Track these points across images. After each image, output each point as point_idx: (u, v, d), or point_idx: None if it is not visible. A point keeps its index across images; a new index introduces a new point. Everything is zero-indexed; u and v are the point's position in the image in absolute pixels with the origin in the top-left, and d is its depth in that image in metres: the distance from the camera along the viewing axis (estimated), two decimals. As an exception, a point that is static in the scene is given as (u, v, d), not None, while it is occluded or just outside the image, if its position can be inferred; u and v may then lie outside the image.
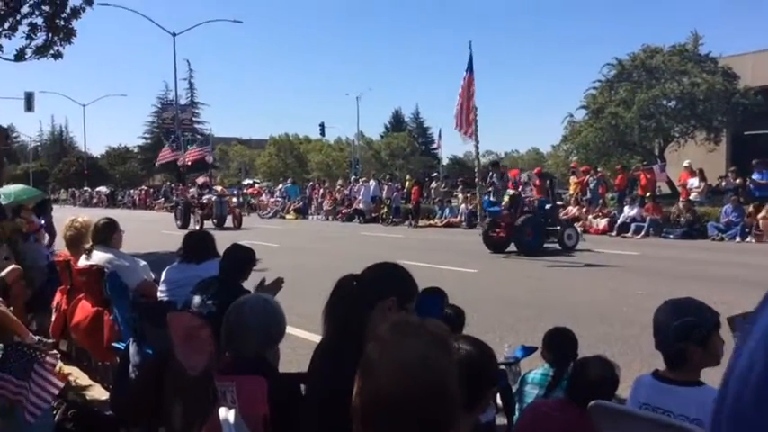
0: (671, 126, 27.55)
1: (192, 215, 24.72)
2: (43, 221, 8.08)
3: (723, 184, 20.41)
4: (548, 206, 15.66)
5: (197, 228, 21.72)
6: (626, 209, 19.33)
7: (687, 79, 26.67)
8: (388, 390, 1.31)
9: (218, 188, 28.18)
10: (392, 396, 1.30)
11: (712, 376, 2.51)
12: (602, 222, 19.31)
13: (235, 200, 26.25)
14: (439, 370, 1.33)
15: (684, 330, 2.30)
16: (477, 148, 15.82)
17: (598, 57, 78.59)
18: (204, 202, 24.89)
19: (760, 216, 16.06)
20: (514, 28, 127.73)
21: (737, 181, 19.32)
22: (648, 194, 19.78)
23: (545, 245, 14.82)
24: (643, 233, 17.77)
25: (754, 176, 18.67)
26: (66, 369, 4.84)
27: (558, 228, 15.33)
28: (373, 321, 2.26)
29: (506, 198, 15.23)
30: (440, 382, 1.33)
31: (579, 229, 16.73)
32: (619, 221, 18.81)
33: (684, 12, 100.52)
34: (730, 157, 28.43)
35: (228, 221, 24.48)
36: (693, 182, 20.10)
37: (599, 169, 24.40)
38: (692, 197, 19.33)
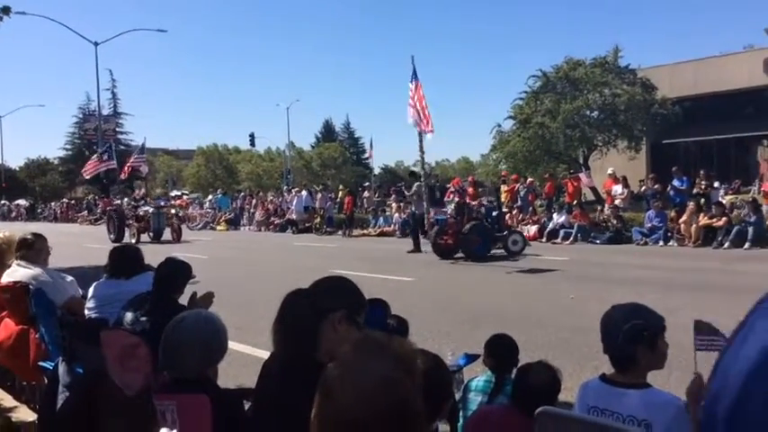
0: (594, 135, 28.54)
1: (127, 228, 23.69)
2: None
3: (644, 189, 21.26)
4: (494, 213, 16.12)
5: (133, 241, 21.02)
6: (554, 216, 19.89)
7: (608, 90, 27.72)
8: (349, 413, 1.28)
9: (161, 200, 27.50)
10: (353, 420, 1.27)
11: (660, 380, 2.60)
12: (533, 229, 19.77)
13: (173, 211, 25.23)
14: (402, 393, 1.30)
15: (635, 333, 2.37)
16: (422, 157, 16.62)
17: (526, 67, 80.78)
18: (141, 214, 23.90)
19: (681, 221, 16.79)
20: (444, 38, 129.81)
21: (656, 187, 20.17)
22: (575, 201, 20.40)
23: (492, 251, 15.18)
24: (571, 239, 18.30)
25: (674, 183, 19.53)
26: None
27: (504, 234, 15.74)
28: (324, 334, 2.23)
29: (452, 206, 15.65)
30: (402, 406, 1.30)
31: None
32: (548, 228, 19.31)
33: (605, 25, 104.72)
34: (650, 165, 29.68)
35: (167, 234, 23.56)
36: (617, 189, 20.84)
37: (528, 178, 25.03)
38: (616, 203, 20.04)
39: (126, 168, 28.34)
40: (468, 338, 6.47)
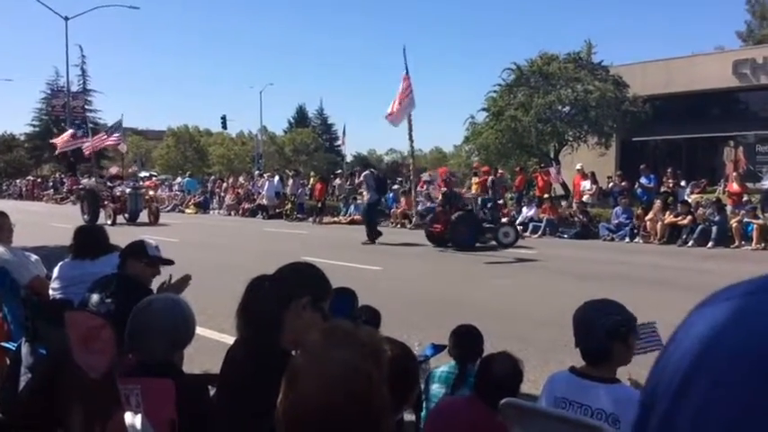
0: (565, 130, 28.78)
1: (102, 209, 22.68)
2: None
3: (611, 186, 21.56)
4: (489, 204, 16.43)
5: (108, 223, 20.47)
6: (524, 209, 20.08)
7: (581, 86, 27.93)
8: (314, 401, 1.29)
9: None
10: (318, 408, 1.28)
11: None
12: (503, 221, 19.93)
13: (152, 192, 24.35)
14: (367, 382, 1.31)
15: (614, 329, 2.42)
16: (412, 146, 16.94)
17: (499, 60, 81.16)
18: (117, 194, 22.84)
19: (647, 218, 17.07)
20: (420, 26, 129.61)
21: (624, 184, 20.46)
22: (546, 195, 20.59)
23: (483, 242, 15.30)
24: (540, 232, 18.50)
25: (642, 180, 19.83)
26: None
27: (493, 225, 15.81)
28: (288, 321, 2.23)
29: (440, 195, 15.88)
30: (367, 395, 1.31)
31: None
32: (518, 221, 19.48)
33: (578, 21, 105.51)
34: (619, 162, 30.04)
35: (143, 217, 22.86)
36: (586, 184, 21.09)
37: (499, 170, 25.18)
38: (584, 199, 20.28)
39: (96, 145, 27.51)
40: (436, 329, 6.52)
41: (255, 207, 27.55)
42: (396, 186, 26.19)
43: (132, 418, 2.11)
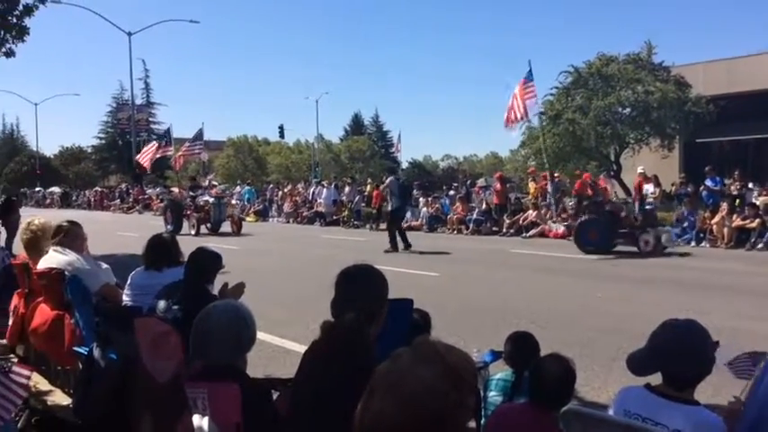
0: (626, 133, 28.16)
1: (185, 219, 22.29)
2: (1, 221, 7.81)
3: (675, 189, 20.94)
4: (647, 207, 16.47)
5: (192, 233, 20.47)
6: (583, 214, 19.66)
7: (641, 87, 27.30)
8: (389, 416, 1.28)
9: (175, 189, 27.04)
10: (392, 424, 1.28)
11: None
12: (561, 227, 19.62)
13: (234, 202, 24.02)
14: (443, 402, 1.30)
15: (709, 360, 2.34)
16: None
17: (556, 62, 79.88)
18: (201, 204, 22.31)
19: (713, 221, 16.54)
20: (474, 32, 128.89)
21: (689, 187, 19.86)
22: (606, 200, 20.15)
23: (619, 246, 15.11)
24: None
25: (707, 183, 19.20)
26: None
27: (636, 231, 15.18)
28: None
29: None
30: (442, 415, 1.29)
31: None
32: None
33: (638, 21, 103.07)
34: (683, 164, 29.21)
35: (225, 227, 22.53)
36: (649, 188, 20.55)
37: (556, 174, 24.82)
38: (647, 203, 19.76)
39: (179, 159, 27.72)
40: (494, 335, 6.47)
41: (313, 214, 27.88)
42: (452, 192, 26.09)
43: (199, 421, 2.18)
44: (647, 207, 16.91)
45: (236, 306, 2.93)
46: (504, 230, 20.76)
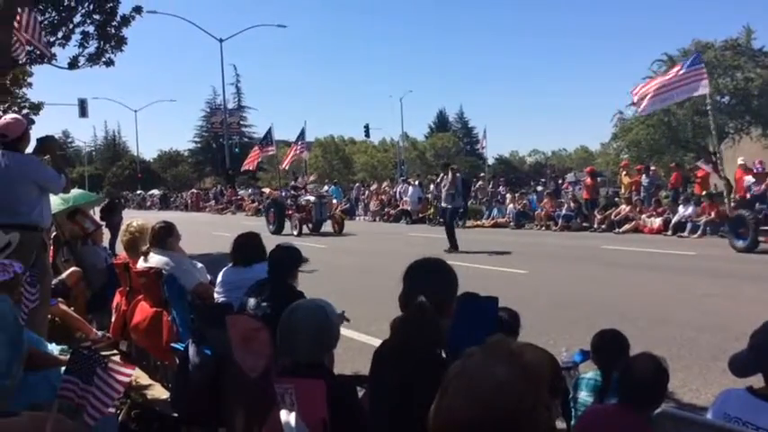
0: (725, 122, 26.79)
1: (287, 219, 22.38)
2: (105, 222, 8.26)
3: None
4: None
5: (294, 233, 20.67)
6: (681, 208, 18.85)
7: (741, 74, 25.95)
8: (461, 415, 1.27)
9: (266, 190, 27.37)
10: (463, 422, 1.26)
11: None
12: (657, 222, 18.88)
13: (335, 201, 23.60)
14: (517, 402, 1.26)
15: None
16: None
17: (647, 52, 76.86)
18: (302, 203, 22.14)
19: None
20: (561, 23, 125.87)
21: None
22: (705, 193, 19.26)
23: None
24: (699, 233, 17.30)
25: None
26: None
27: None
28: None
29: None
30: (517, 416, 1.26)
31: None
32: (674, 221, 18.36)
33: (735, 5, 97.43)
34: (788, 154, 27.49)
35: (326, 226, 22.39)
36: (749, 179, 19.45)
37: (651, 167, 23.92)
38: (749, 195, 18.70)
39: (287, 160, 28.27)
40: (585, 334, 6.29)
41: (399, 212, 28.03)
42: (539, 188, 25.60)
43: (287, 416, 2.23)
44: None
45: (320, 304, 2.98)
46: (596, 226, 20.19)
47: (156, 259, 5.14)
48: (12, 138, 5.02)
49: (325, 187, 38.22)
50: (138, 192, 58.96)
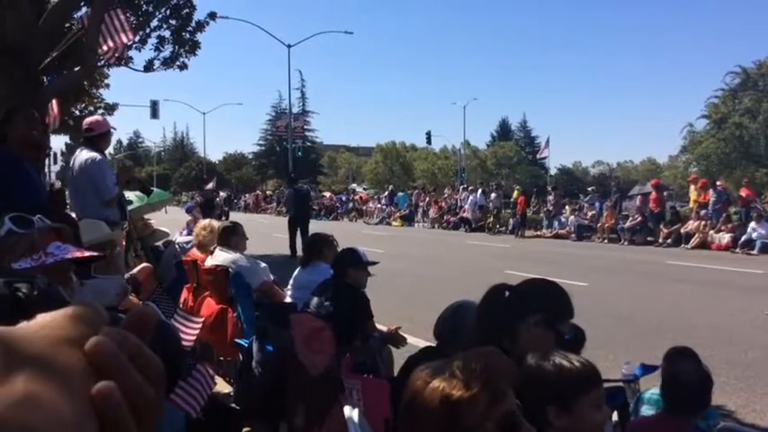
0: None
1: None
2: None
3: None
4: None
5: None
6: (752, 224, 18.19)
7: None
8: None
9: (327, 194, 28.05)
10: None
11: None
12: (726, 238, 18.27)
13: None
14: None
15: None
16: None
17: (719, 63, 74.18)
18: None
19: None
20: (629, 30, 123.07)
21: None
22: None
23: None
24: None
25: None
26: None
27: None
28: (520, 335, 2.27)
29: None
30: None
31: None
32: (743, 238, 17.73)
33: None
34: None
35: None
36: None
37: (718, 182, 23.19)
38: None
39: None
40: (647, 349, 6.18)
41: (458, 220, 27.93)
42: (587, 199, 25.15)
43: (351, 412, 2.30)
44: None
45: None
46: (661, 240, 19.67)
47: (223, 257, 5.32)
48: (97, 133, 5.44)
49: (386, 193, 38.48)
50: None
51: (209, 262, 5.44)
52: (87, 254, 2.48)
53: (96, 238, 4.34)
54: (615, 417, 3.21)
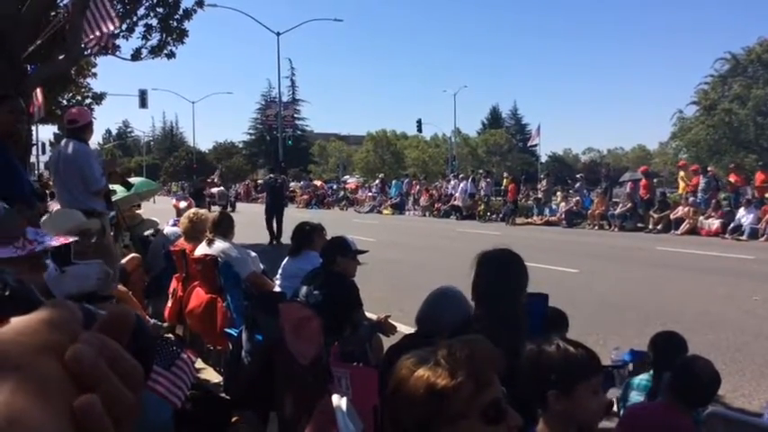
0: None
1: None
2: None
3: None
4: None
5: None
6: (741, 210, 18.29)
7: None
8: None
9: (317, 182, 28.10)
10: None
11: None
12: (715, 224, 18.37)
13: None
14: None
15: None
16: None
17: (709, 49, 74.22)
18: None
19: None
20: (619, 17, 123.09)
21: None
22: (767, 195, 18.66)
23: None
24: (765, 237, 16.73)
25: None
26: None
27: None
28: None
29: None
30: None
31: None
32: (733, 224, 17.83)
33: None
34: None
35: None
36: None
37: (709, 168, 23.27)
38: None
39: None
40: (636, 335, 6.21)
41: (449, 208, 27.94)
42: (577, 185, 25.22)
43: (339, 401, 2.29)
44: None
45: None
46: (651, 227, 19.76)
47: (213, 247, 5.29)
48: (81, 124, 5.42)
49: (377, 181, 38.40)
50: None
51: (199, 251, 5.41)
52: (71, 239, 2.46)
53: (71, 228, 4.28)
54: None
